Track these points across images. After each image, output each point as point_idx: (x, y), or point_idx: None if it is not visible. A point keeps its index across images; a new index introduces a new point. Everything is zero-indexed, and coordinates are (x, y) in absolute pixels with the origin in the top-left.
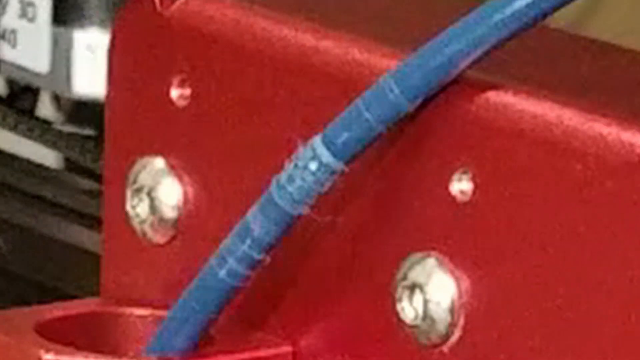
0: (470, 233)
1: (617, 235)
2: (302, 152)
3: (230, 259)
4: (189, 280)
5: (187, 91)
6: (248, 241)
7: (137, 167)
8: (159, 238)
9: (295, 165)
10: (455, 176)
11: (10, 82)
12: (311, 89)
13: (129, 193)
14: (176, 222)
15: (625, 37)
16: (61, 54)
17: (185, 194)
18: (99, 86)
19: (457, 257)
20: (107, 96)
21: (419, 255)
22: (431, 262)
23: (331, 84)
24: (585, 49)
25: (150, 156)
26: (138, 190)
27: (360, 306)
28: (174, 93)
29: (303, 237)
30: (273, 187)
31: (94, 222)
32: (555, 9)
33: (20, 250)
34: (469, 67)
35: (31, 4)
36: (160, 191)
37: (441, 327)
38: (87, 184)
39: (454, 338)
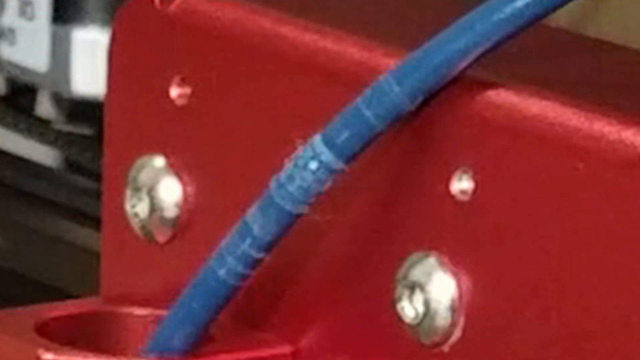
0: (470, 232)
1: (618, 235)
2: (302, 151)
3: (229, 258)
4: (188, 279)
5: (187, 90)
6: (248, 240)
7: (136, 166)
8: (159, 237)
9: (295, 165)
10: (456, 175)
11: (10, 81)
12: (311, 87)
13: (128, 192)
14: (176, 221)
15: (625, 36)
16: (60, 53)
17: (184, 193)
18: (98, 85)
19: (457, 257)
20: (107, 95)
21: (419, 254)
22: (431, 261)
23: (331, 83)
24: (585, 48)
25: (150, 155)
26: (137, 190)
27: (361, 306)
28: (174, 92)
29: (303, 236)
30: (273, 186)
31: (93, 221)
32: (556, 8)
33: (19, 250)
34: (470, 66)
35: (30, 3)
36: (159, 190)
37: (441, 326)
38: (86, 183)
39: (454, 337)
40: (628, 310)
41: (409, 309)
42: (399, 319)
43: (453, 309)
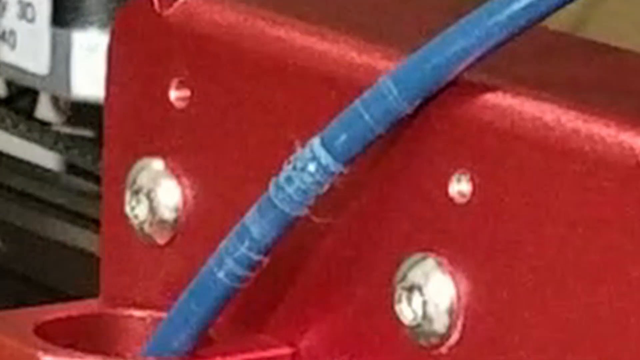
0: (468, 234)
1: (615, 237)
2: (301, 153)
3: (228, 260)
4: (187, 281)
5: (186, 93)
6: (247, 242)
7: (136, 168)
8: (158, 239)
9: (294, 167)
10: (454, 177)
11: (10, 84)
12: (310, 90)
13: (128, 194)
14: (175, 224)
15: (623, 38)
16: (60, 55)
17: (184, 195)
18: (98, 87)
19: (455, 259)
20: (106, 98)
21: (417, 256)
22: (430, 263)
23: (330, 86)
24: (584, 50)
25: (149, 157)
26: (137, 192)
27: (359, 307)
28: (173, 94)
29: (302, 238)
30: (272, 189)
31: (93, 223)
32: (553, 10)
33: (19, 252)
34: (468, 68)
35: (30, 5)
36: (159, 192)
37: (440, 328)
38: (86, 185)
39: (452, 339)
40: (627, 312)
41: (408, 310)
42: (397, 320)
43: (451, 311)
